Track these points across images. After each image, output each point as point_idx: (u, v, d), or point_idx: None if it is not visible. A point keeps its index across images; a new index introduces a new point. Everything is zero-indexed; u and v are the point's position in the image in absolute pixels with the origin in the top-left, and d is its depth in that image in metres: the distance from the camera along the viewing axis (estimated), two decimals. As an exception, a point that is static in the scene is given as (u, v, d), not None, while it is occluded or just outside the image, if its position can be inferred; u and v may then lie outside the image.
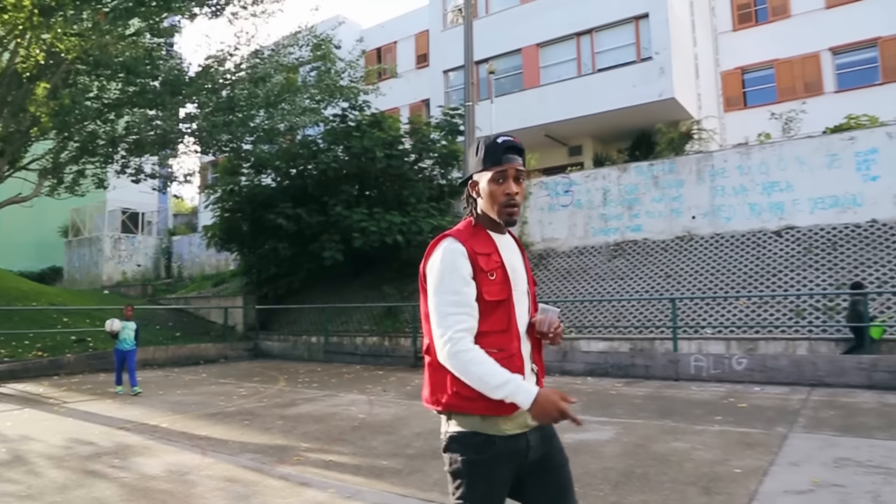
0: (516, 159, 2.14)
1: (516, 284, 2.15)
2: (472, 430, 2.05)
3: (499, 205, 2.13)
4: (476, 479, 2.03)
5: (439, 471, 5.57)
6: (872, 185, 13.96)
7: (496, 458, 2.05)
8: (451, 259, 2.05)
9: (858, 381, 9.89)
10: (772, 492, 4.77)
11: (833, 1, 24.75)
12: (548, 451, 2.16)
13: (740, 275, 14.26)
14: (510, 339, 2.08)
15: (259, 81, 15.54)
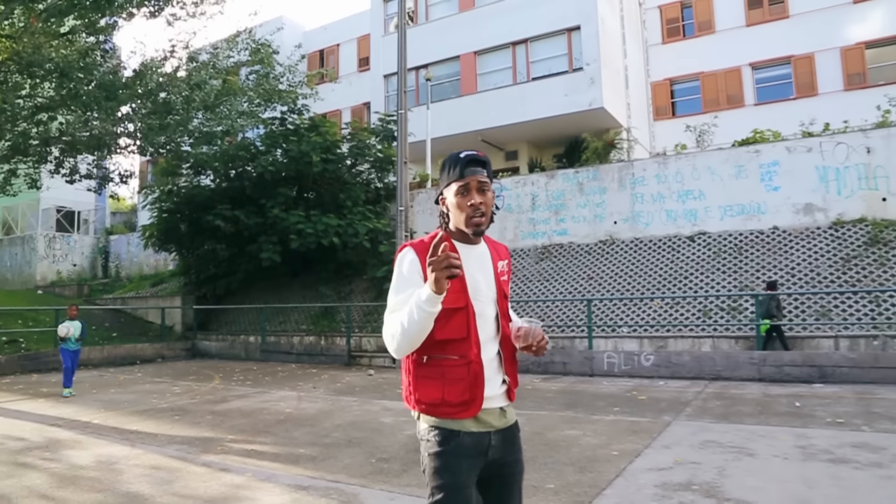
0: (478, 171, 2.20)
1: (477, 294, 2.21)
2: (437, 425, 2.16)
3: (465, 216, 2.19)
4: (442, 471, 2.12)
5: (351, 457, 6.16)
6: (774, 195, 15.11)
7: (459, 449, 2.14)
8: (404, 266, 2.18)
9: (750, 374, 10.88)
10: (637, 469, 5.50)
11: (753, 19, 26.21)
12: (506, 456, 2.24)
13: (657, 277, 15.23)
14: (469, 346, 2.15)
15: (195, 87, 15.71)
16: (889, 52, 24.06)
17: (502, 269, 2.34)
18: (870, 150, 14.47)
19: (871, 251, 13.61)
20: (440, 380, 2.16)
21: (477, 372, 2.15)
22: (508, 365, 2.29)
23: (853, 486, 4.85)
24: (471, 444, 2.14)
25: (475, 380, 2.15)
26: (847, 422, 7.22)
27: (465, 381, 2.14)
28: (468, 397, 2.14)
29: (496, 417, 2.22)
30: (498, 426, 2.22)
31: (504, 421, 2.25)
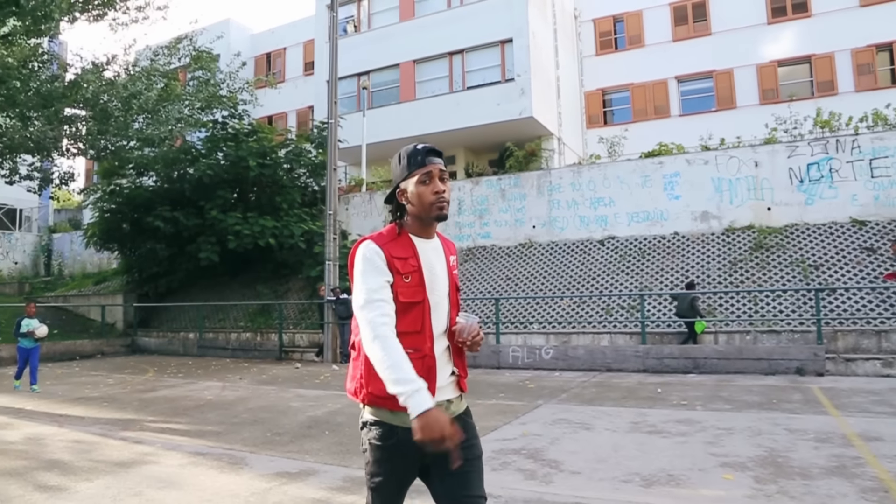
0: (438, 160, 2.26)
1: (433, 288, 2.24)
2: (379, 419, 2.19)
3: (429, 203, 2.21)
4: (381, 461, 2.19)
5: (250, 432, 7.13)
6: (676, 203, 16.52)
7: (398, 446, 2.16)
8: (370, 257, 2.18)
9: (635, 366, 12.16)
10: (486, 440, 6.58)
11: (679, 35, 27.81)
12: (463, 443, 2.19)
13: (569, 278, 16.49)
14: (423, 339, 2.18)
15: (132, 97, 16.33)
16: (799, 70, 25.90)
17: (453, 262, 2.40)
18: (757, 163, 15.98)
19: (755, 255, 15.09)
20: None
21: (430, 365, 2.19)
22: (457, 356, 2.32)
23: (648, 448, 6.02)
24: (409, 440, 2.08)
25: (428, 372, 2.18)
26: (689, 403, 8.47)
27: (419, 373, 2.12)
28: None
29: (443, 410, 2.20)
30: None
31: (450, 412, 2.27)
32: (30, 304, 11.77)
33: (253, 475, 5.35)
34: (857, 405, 8.02)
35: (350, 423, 7.58)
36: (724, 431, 6.63)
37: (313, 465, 5.63)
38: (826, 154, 15.52)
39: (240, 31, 33.46)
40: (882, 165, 15.11)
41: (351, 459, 5.79)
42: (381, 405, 2.18)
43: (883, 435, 6.26)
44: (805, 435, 6.36)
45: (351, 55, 26.56)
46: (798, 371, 11.15)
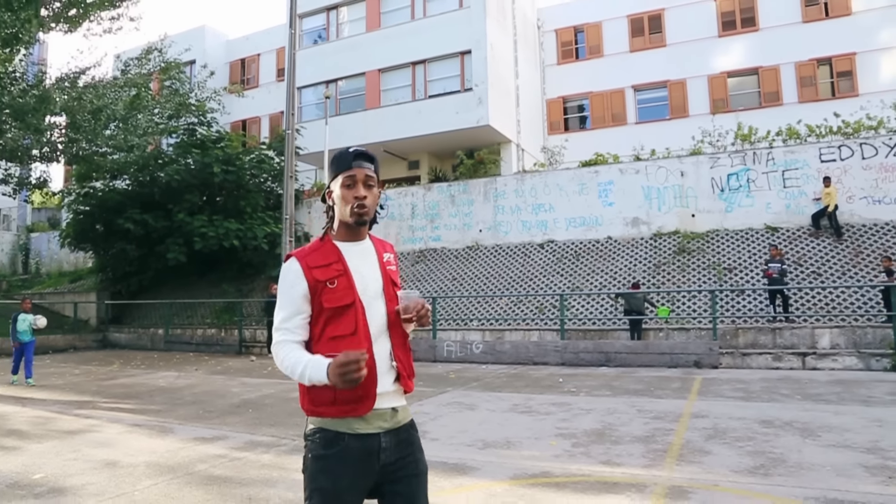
0: (366, 165, 2.22)
1: (364, 290, 2.18)
2: (323, 427, 2.10)
3: (349, 206, 2.19)
4: (320, 474, 2.06)
5: (186, 410, 8.33)
6: (609, 210, 17.85)
7: (344, 454, 2.06)
8: (287, 278, 2.16)
9: (555, 360, 13.45)
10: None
11: (636, 46, 29.08)
12: (403, 457, 2.16)
13: (510, 278, 17.77)
14: (359, 341, 2.10)
15: (98, 111, 17.38)
16: (747, 81, 27.27)
17: (388, 259, 2.35)
18: (683, 173, 17.33)
19: (677, 259, 16.44)
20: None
21: (369, 367, 2.08)
22: (402, 354, 2.24)
23: (509, 424, 7.27)
24: (357, 448, 2.07)
25: (367, 375, 2.06)
26: (577, 391, 9.74)
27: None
28: (361, 393, 2.08)
29: (387, 418, 2.15)
30: (388, 427, 2.15)
31: (395, 421, 2.18)
32: (25, 300, 12.42)
33: (174, 439, 6.57)
34: (718, 392, 9.33)
35: (275, 404, 8.81)
36: (584, 412, 7.90)
37: (226, 433, 6.86)
38: (744, 165, 16.90)
39: (215, 38, 34.45)
40: (793, 177, 16.51)
41: (259, 430, 7.02)
42: (324, 414, 2.11)
43: (710, 413, 7.56)
44: (648, 414, 7.65)
45: (320, 63, 27.74)
46: (696, 364, 12.49)
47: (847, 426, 6.64)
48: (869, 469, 5.03)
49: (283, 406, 8.65)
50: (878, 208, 15.82)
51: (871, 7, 25.13)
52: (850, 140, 16.38)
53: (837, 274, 14.78)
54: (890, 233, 15.33)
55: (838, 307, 14.07)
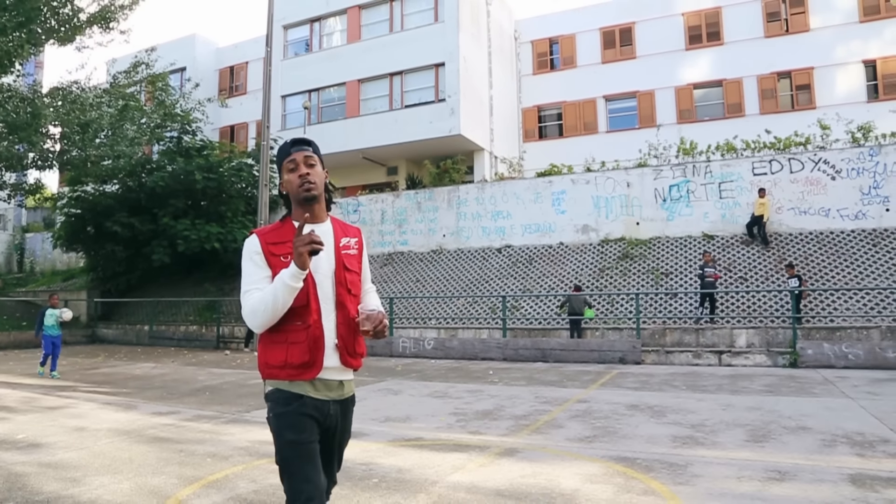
0: (303, 148, 2.44)
1: (317, 267, 2.37)
2: (281, 388, 2.34)
3: (296, 186, 2.40)
4: (284, 429, 2.30)
5: (152, 392, 9.71)
6: (562, 217, 19.25)
7: (302, 410, 2.31)
8: (246, 251, 2.41)
9: (497, 355, 14.84)
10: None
11: (607, 58, 30.41)
12: (343, 425, 2.48)
13: (470, 280, 19.16)
14: (309, 312, 2.32)
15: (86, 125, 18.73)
16: (712, 92, 28.65)
17: (346, 244, 2.53)
18: (629, 184, 18.73)
19: (621, 264, 17.84)
20: (284, 343, 2.32)
21: (317, 336, 2.32)
22: (345, 333, 2.41)
23: (418, 405, 8.65)
24: (313, 406, 2.31)
25: (315, 343, 2.32)
26: (498, 381, 11.12)
27: (305, 344, 2.31)
28: (308, 359, 2.30)
29: (334, 388, 2.40)
30: (335, 397, 2.40)
31: (340, 393, 2.43)
32: (53, 296, 13.02)
33: (136, 413, 7.97)
34: (619, 383, 10.72)
35: (230, 389, 10.22)
36: (489, 397, 9.28)
37: (180, 409, 8.27)
38: (685, 177, 18.30)
39: (205, 46, 35.79)
40: (729, 188, 17.92)
41: (209, 407, 8.42)
42: (276, 377, 2.35)
43: (592, 400, 8.95)
44: (541, 399, 9.03)
45: (304, 72, 29.12)
46: (621, 360, 13.88)
47: (695, 409, 8.03)
48: (676, 438, 6.41)
49: (236, 390, 10.06)
50: (804, 219, 17.24)
51: (827, 24, 26.51)
52: (780, 155, 17.79)
53: (762, 279, 16.19)
54: (813, 242, 16.74)
55: (758, 310, 15.47)
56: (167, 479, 4.94)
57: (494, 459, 5.60)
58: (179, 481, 4.88)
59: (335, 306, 2.41)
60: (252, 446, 6.13)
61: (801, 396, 9.02)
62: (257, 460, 5.58)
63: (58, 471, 5.23)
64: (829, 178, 17.17)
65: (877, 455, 5.59)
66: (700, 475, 5.01)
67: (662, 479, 4.91)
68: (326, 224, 2.51)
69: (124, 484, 4.82)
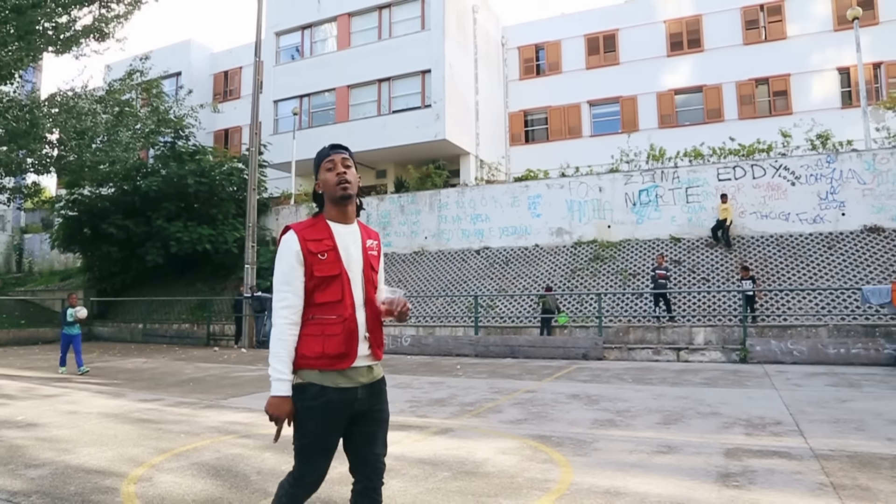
0: (341, 151, 2.69)
1: (349, 264, 2.59)
2: (309, 381, 2.52)
3: (333, 184, 2.60)
4: (307, 422, 2.51)
5: (141, 384, 10.59)
6: (537, 220, 20.15)
7: (328, 404, 2.50)
8: (284, 247, 2.56)
9: (470, 351, 15.73)
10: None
11: (591, 64, 31.28)
12: (374, 405, 2.65)
13: (449, 280, 20.05)
14: (344, 307, 2.53)
15: (82, 133, 19.61)
16: (693, 98, 29.52)
17: (370, 245, 2.72)
18: (601, 189, 19.62)
19: (591, 265, 18.74)
20: (321, 336, 2.52)
21: (352, 329, 2.54)
22: (374, 327, 2.64)
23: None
24: (338, 399, 2.51)
25: (350, 335, 2.53)
26: (462, 375, 11.99)
27: (341, 336, 2.51)
28: (344, 350, 2.52)
29: (363, 374, 2.60)
30: (364, 381, 2.60)
31: (371, 377, 2.64)
32: (72, 295, 13.23)
33: (123, 400, 8.86)
34: (573, 377, 11.61)
35: (213, 380, 11.11)
36: (447, 387, 10.17)
37: (163, 397, 9.17)
38: (654, 182, 19.20)
39: (200, 51, 36.69)
40: (695, 193, 18.82)
41: (190, 395, 9.31)
42: (311, 366, 2.52)
43: (540, 390, 9.84)
44: (493, 390, 9.92)
45: (296, 78, 30.00)
46: (584, 356, 14.77)
47: (628, 398, 8.92)
48: (596, 421, 7.30)
49: (217, 382, 10.95)
50: (765, 222, 18.14)
51: (803, 33, 27.38)
52: (743, 161, 18.69)
53: (723, 280, 17.09)
54: (773, 244, 17.64)
55: (718, 309, 16.37)
56: (143, 450, 5.83)
57: (429, 437, 6.48)
58: (154, 452, 5.77)
59: (364, 301, 2.62)
60: (222, 426, 7.02)
61: (732, 388, 9.91)
62: (224, 436, 6.46)
63: (52, 444, 6.12)
64: (790, 183, 18.06)
65: (762, 434, 6.48)
66: (600, 449, 5.89)
67: (565, 452, 5.79)
68: (354, 225, 2.69)
69: (108, 453, 5.72)
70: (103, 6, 19.17)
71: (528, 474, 5.02)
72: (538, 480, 4.84)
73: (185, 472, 5.09)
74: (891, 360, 12.69)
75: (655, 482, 4.77)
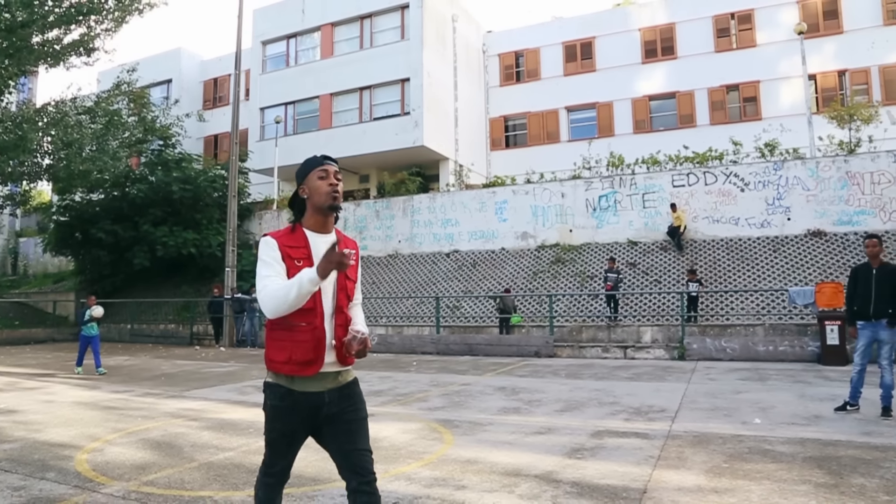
0: (334, 164, 2.74)
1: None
2: (277, 382, 2.63)
3: (325, 193, 2.63)
4: (275, 420, 2.65)
5: (117, 377, 11.67)
6: (503, 225, 21.23)
7: (293, 407, 2.60)
8: (265, 246, 2.63)
9: (431, 349, 16.82)
10: (243, 383, 11.10)
11: (569, 70, 32.23)
12: (346, 407, 2.69)
13: (420, 282, 21.13)
14: (315, 315, 2.58)
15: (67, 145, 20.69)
16: (666, 104, 30.52)
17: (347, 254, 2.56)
18: (564, 194, 20.70)
19: (553, 267, 19.82)
20: (289, 342, 2.58)
21: (320, 337, 2.59)
22: (343, 335, 2.64)
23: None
24: (304, 402, 2.60)
25: (318, 343, 2.58)
26: (414, 370, 13.06)
27: (309, 343, 2.56)
28: (312, 357, 2.57)
29: (331, 380, 2.67)
30: (331, 386, 2.66)
31: (338, 382, 2.70)
32: (90, 297, 13.56)
33: (97, 392, 9.97)
34: (515, 373, 12.68)
35: (184, 375, 12.21)
36: (392, 381, 11.25)
37: (134, 388, 10.28)
38: (612, 188, 20.26)
39: (190, 59, 37.74)
40: (651, 199, 19.88)
41: (158, 388, 10.40)
42: (279, 371, 2.63)
43: (474, 383, 10.91)
44: (433, 383, 10.99)
45: (281, 86, 31.06)
46: (536, 354, 15.84)
47: (547, 390, 9.99)
48: (504, 409, 8.37)
49: (188, 377, 12.04)
50: (717, 227, 19.21)
51: (773, 41, 28.35)
52: (696, 168, 19.75)
53: (674, 282, 18.15)
54: (723, 248, 18.71)
55: (666, 310, 17.45)
56: (103, 430, 6.93)
57: (350, 421, 7.56)
58: (110, 431, 6.87)
59: (335, 310, 2.66)
60: (177, 412, 8.11)
61: (650, 382, 10.96)
62: (175, 419, 7.56)
63: (27, 425, 7.23)
64: (739, 189, 19.13)
65: (639, 420, 7.53)
66: (487, 430, 6.96)
67: (456, 432, 6.86)
68: (332, 236, 2.72)
69: (72, 432, 6.82)
70: (89, 24, 20.20)
71: (413, 448, 6.10)
72: (417, 452, 5.92)
73: (132, 445, 6.18)
74: (814, 356, 13.74)
75: (513, 455, 5.83)
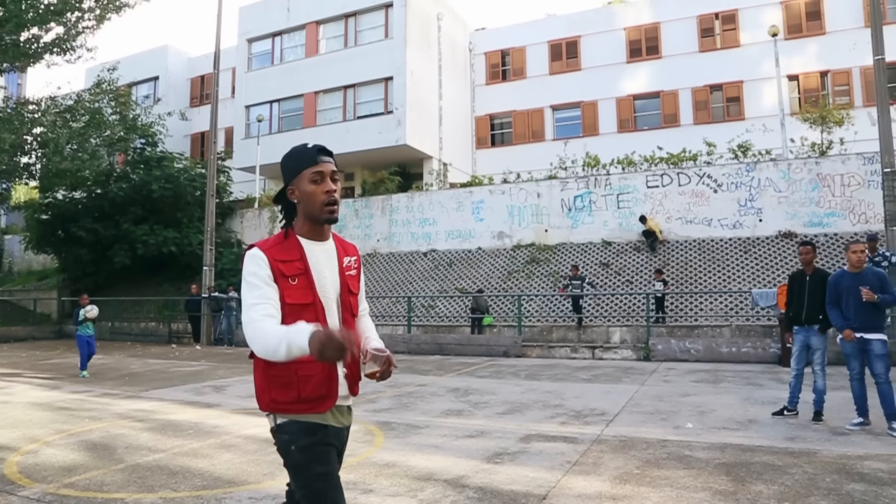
0: (330, 161, 2.25)
1: (323, 291, 2.23)
2: (300, 420, 2.17)
3: (319, 204, 2.20)
4: (312, 462, 2.15)
5: (109, 380, 11.83)
6: (480, 225, 21.40)
7: (327, 440, 2.19)
8: (252, 263, 2.16)
9: (403, 349, 17.00)
10: (215, 382, 11.29)
11: (554, 69, 32.35)
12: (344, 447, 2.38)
13: (398, 282, 21.31)
14: None
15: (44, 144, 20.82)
16: (651, 103, 30.67)
17: (349, 264, 2.38)
18: (539, 195, 20.87)
19: (528, 267, 20.00)
20: (294, 377, 2.14)
21: (330, 367, 2.17)
22: (352, 362, 2.26)
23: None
24: (334, 435, 2.23)
25: (329, 375, 2.17)
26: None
27: (319, 377, 2.16)
28: (324, 391, 2.17)
29: (345, 414, 2.32)
30: (346, 423, 2.33)
31: (350, 419, 2.37)
32: (83, 296, 13.29)
33: (57, 392, 10.15)
34: (475, 373, 12.87)
35: (149, 374, 12.40)
36: (354, 381, 11.39)
37: (94, 388, 10.45)
38: (587, 189, 20.44)
39: (177, 56, 37.82)
40: (626, 199, 20.06)
41: (118, 388, 10.58)
42: (286, 412, 2.19)
43: (430, 384, 11.09)
44: (391, 384, 11.15)
45: (266, 84, 31.18)
46: (504, 354, 16.02)
47: (498, 392, 10.17)
48: (448, 411, 8.55)
49: (152, 376, 12.22)
50: (690, 227, 19.40)
51: (755, 41, 28.48)
52: (670, 169, 19.93)
53: (645, 282, 18.34)
54: (696, 248, 18.90)
55: (636, 310, 17.64)
56: (45, 431, 7.10)
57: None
58: (53, 432, 7.05)
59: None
60: (126, 412, 8.29)
61: (605, 384, 11.12)
62: (121, 420, 7.73)
63: (-28, 428, 7.40)
64: (712, 190, 19.32)
65: (574, 423, 7.70)
66: (421, 433, 7.13)
67: (390, 435, 7.03)
68: (330, 243, 2.37)
69: (14, 433, 6.99)
70: (66, 23, 20.31)
71: (340, 451, 6.26)
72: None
73: (68, 447, 6.36)
74: (775, 358, 13.94)
75: (433, 459, 5.99)
